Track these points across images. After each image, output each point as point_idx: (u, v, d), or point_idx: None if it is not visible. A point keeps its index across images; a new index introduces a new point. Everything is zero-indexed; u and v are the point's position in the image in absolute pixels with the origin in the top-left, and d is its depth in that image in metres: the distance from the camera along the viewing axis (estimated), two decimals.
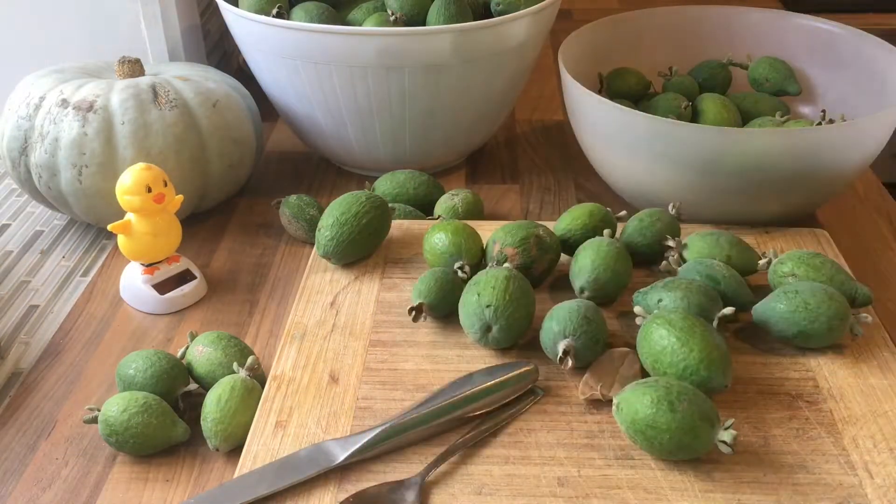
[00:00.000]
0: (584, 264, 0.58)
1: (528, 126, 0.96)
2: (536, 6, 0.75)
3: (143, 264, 0.66)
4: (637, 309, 0.54)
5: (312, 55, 0.73)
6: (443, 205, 0.73)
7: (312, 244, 0.71)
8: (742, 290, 0.57)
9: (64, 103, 0.69)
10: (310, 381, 0.53)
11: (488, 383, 0.51)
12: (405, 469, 0.47)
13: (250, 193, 0.83)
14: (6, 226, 0.79)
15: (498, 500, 0.45)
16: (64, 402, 0.58)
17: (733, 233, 0.63)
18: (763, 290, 0.59)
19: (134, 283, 0.66)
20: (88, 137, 0.68)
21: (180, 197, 0.66)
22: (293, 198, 0.74)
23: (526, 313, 0.55)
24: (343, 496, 0.45)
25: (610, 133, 0.69)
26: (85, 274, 0.72)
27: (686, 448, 0.45)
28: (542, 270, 0.60)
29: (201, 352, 0.56)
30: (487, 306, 0.53)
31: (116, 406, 0.51)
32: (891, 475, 0.46)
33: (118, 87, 0.70)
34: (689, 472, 0.47)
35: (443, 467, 0.47)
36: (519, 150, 0.90)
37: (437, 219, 0.70)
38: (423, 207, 0.75)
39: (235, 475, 0.47)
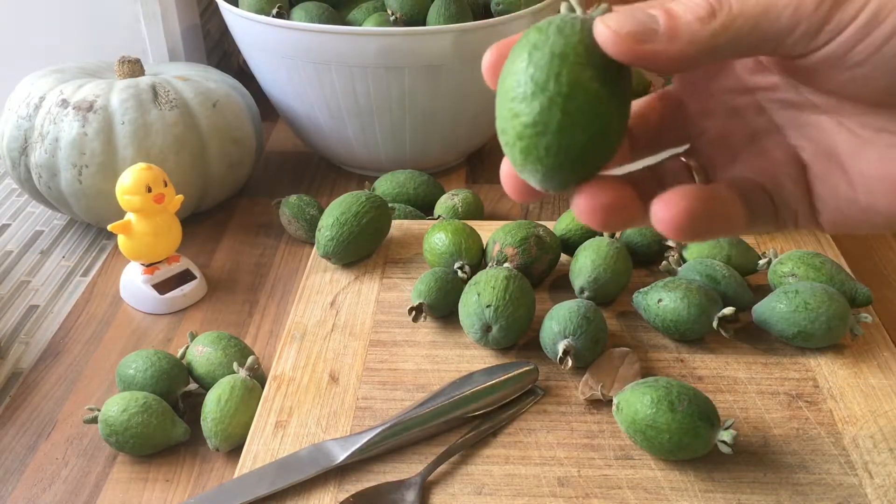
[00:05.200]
0: (584, 264, 0.58)
1: None
2: (536, 6, 0.76)
3: (143, 264, 0.66)
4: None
5: (312, 55, 0.73)
6: (443, 205, 0.73)
7: (312, 244, 0.71)
8: (742, 290, 0.57)
9: (64, 103, 0.69)
10: (310, 381, 0.53)
11: (488, 383, 0.51)
12: (405, 469, 0.47)
13: (250, 193, 0.83)
14: (6, 226, 0.79)
15: (498, 500, 0.45)
16: (64, 402, 0.58)
17: None
18: (763, 290, 0.59)
19: (134, 283, 0.66)
20: (88, 137, 0.68)
21: (180, 197, 0.66)
22: (293, 198, 0.74)
23: (526, 313, 0.55)
24: (343, 496, 0.45)
25: None
26: (85, 274, 0.72)
27: (686, 448, 0.45)
28: (542, 270, 0.60)
29: (201, 352, 0.56)
30: (487, 306, 0.53)
31: (116, 406, 0.51)
32: (891, 475, 0.46)
33: (118, 87, 0.70)
34: (689, 472, 0.47)
35: (443, 467, 0.47)
36: None
37: (437, 219, 0.70)
38: (423, 207, 0.75)
39: (235, 475, 0.47)
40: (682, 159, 0.32)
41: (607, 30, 0.25)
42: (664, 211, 0.28)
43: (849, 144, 0.29)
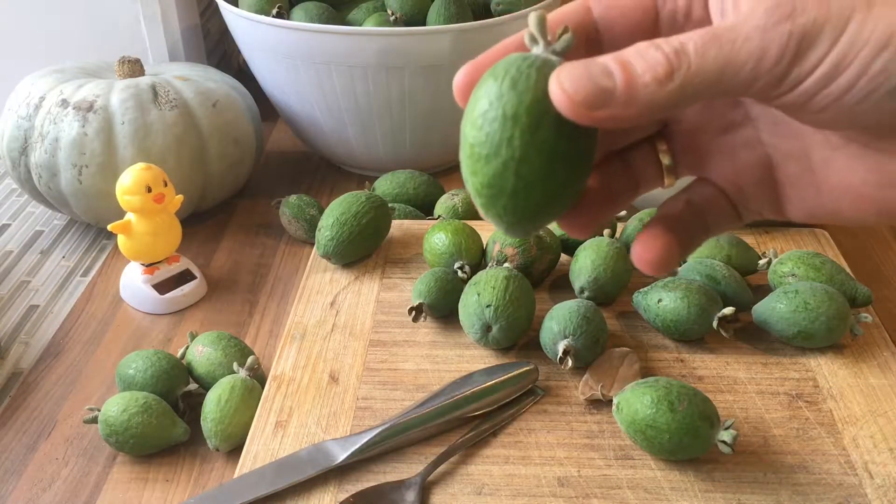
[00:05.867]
0: (584, 264, 0.58)
1: None
2: (536, 6, 0.75)
3: (143, 264, 0.66)
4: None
5: (312, 55, 0.73)
6: (443, 205, 0.73)
7: (312, 244, 0.71)
8: (742, 290, 0.57)
9: (64, 103, 0.69)
10: (310, 381, 0.53)
11: (488, 383, 0.51)
12: (405, 469, 0.47)
13: (250, 193, 0.83)
14: (6, 226, 0.79)
15: (498, 500, 0.45)
16: (64, 402, 0.58)
17: (733, 232, 0.63)
18: (763, 290, 0.59)
19: (134, 283, 0.66)
20: (88, 137, 0.68)
21: (180, 197, 0.66)
22: (293, 198, 0.74)
23: (526, 313, 0.55)
24: (343, 496, 0.45)
25: None
26: (85, 274, 0.72)
27: (686, 448, 0.45)
28: (542, 270, 0.60)
29: (201, 352, 0.56)
30: (487, 306, 0.53)
31: (116, 406, 0.51)
32: (891, 475, 0.46)
33: (118, 87, 0.70)
34: (689, 472, 0.47)
35: (443, 467, 0.47)
36: None
37: (437, 219, 0.70)
38: (423, 207, 0.75)
39: (235, 475, 0.47)
40: (659, 147, 0.32)
41: (562, 94, 0.25)
42: (645, 252, 0.30)
43: (821, 148, 0.29)
